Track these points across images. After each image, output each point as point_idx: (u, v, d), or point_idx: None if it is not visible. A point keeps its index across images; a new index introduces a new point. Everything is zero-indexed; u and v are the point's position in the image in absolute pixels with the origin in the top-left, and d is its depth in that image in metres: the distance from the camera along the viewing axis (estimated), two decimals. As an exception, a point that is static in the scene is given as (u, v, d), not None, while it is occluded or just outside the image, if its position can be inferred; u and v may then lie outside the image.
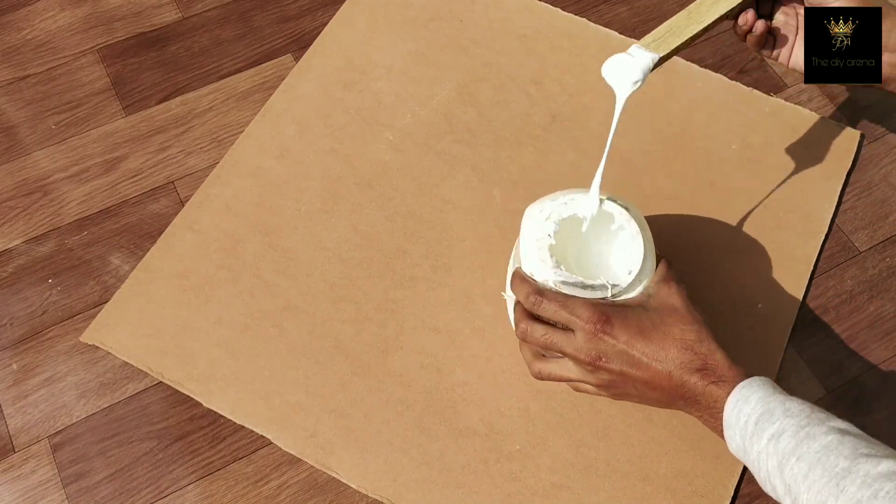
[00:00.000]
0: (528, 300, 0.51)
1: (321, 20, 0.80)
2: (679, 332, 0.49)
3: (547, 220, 0.53)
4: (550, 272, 0.51)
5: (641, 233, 0.53)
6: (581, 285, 0.51)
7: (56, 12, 0.81)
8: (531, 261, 0.52)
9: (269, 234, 0.67)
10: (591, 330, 0.49)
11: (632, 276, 0.51)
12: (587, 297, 0.51)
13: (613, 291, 0.51)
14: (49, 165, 0.72)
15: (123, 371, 0.62)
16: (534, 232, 0.53)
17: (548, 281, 0.51)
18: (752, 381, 0.47)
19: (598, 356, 0.49)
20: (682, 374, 0.48)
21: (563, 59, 0.78)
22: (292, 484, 0.58)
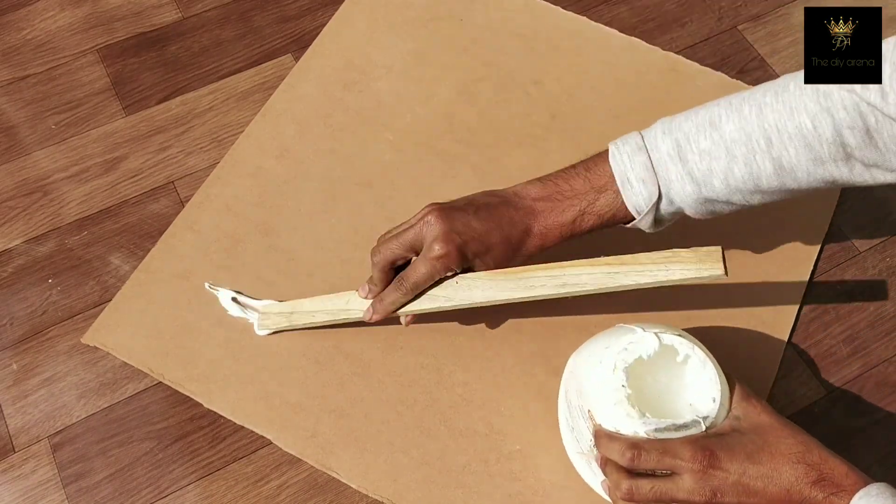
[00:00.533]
0: (626, 456, 0.48)
1: (321, 20, 0.80)
2: (786, 448, 0.47)
3: (615, 372, 0.51)
4: (639, 424, 0.49)
5: (709, 358, 0.52)
6: (673, 428, 0.48)
7: (56, 12, 0.81)
8: (615, 417, 0.50)
9: (269, 234, 0.67)
10: (699, 469, 0.47)
11: (717, 403, 0.49)
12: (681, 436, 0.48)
13: (707, 424, 0.48)
14: (49, 165, 0.72)
15: (123, 371, 0.62)
16: (604, 386, 0.51)
17: (637, 433, 0.49)
18: (870, 490, 0.45)
19: (713, 493, 0.47)
20: (801, 490, 0.46)
21: (563, 58, 0.78)
22: (292, 484, 0.58)
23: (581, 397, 0.53)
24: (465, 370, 0.61)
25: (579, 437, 0.54)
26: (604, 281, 0.52)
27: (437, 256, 0.54)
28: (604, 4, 0.82)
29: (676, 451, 0.47)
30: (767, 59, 0.79)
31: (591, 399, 0.52)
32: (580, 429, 0.54)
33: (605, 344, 0.53)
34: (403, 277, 0.56)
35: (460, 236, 0.54)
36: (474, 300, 0.55)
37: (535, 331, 0.63)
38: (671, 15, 0.82)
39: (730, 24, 0.81)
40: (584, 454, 0.54)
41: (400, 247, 0.56)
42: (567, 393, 0.56)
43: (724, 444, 0.48)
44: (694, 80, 0.76)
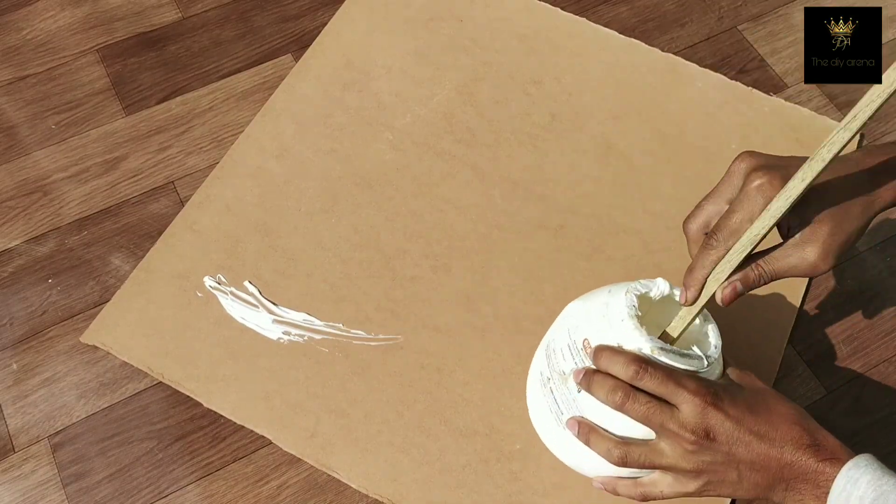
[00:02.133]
0: (630, 369, 0.46)
1: (321, 20, 0.80)
2: (785, 409, 0.47)
3: (627, 294, 0.49)
4: (645, 340, 0.47)
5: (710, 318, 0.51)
6: (679, 353, 0.47)
7: (56, 12, 0.81)
8: (619, 333, 0.48)
9: (269, 234, 0.67)
10: (700, 403, 0.45)
11: (718, 350, 0.48)
12: (683, 365, 0.47)
13: (708, 362, 0.47)
14: (49, 165, 0.72)
15: (123, 371, 0.62)
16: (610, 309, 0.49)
17: (642, 349, 0.47)
18: (858, 461, 0.45)
19: (706, 432, 0.45)
20: (793, 451, 0.45)
21: (563, 59, 0.78)
22: (292, 484, 0.58)
23: (576, 332, 0.50)
24: (465, 370, 0.61)
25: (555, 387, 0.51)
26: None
27: (758, 185, 0.45)
28: (604, 5, 0.82)
29: (681, 380, 0.46)
30: (767, 59, 0.79)
31: (590, 329, 0.49)
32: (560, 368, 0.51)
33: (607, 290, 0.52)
34: (713, 231, 0.48)
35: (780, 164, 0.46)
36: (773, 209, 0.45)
37: (535, 331, 0.63)
38: (671, 15, 0.82)
39: (730, 24, 0.81)
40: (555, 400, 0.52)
41: (712, 202, 0.49)
42: (551, 340, 0.53)
43: (728, 391, 0.46)
44: (694, 81, 0.76)
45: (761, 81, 0.77)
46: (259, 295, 0.64)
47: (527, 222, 0.68)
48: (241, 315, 0.63)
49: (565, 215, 0.68)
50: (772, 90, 0.76)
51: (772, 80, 0.77)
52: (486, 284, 0.65)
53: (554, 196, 0.69)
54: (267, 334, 0.62)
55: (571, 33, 0.79)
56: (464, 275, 0.66)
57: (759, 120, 0.74)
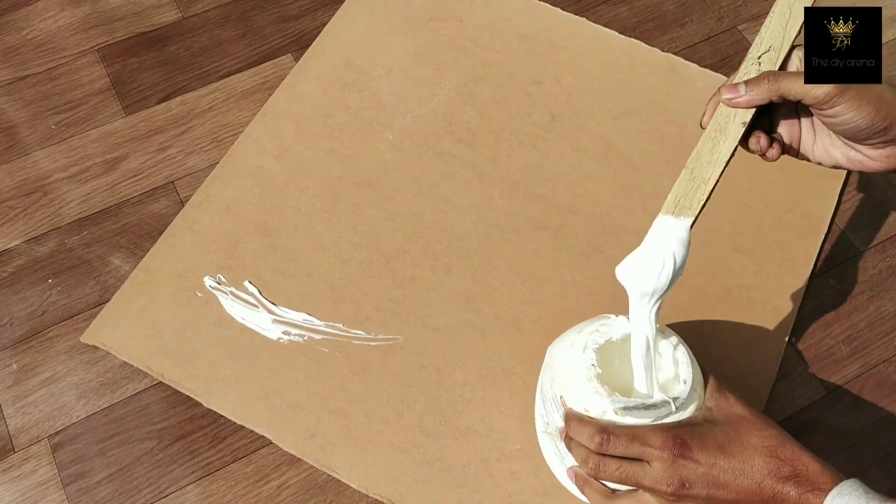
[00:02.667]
0: (595, 441, 0.47)
1: (321, 20, 0.80)
2: (758, 440, 0.46)
3: (585, 352, 0.50)
4: (607, 402, 0.48)
5: (681, 342, 0.51)
6: (642, 407, 0.47)
7: (56, 12, 0.81)
8: (583, 396, 0.49)
9: (269, 234, 0.67)
10: (668, 457, 0.45)
11: (687, 385, 0.48)
12: (651, 418, 0.48)
13: (676, 405, 0.47)
14: (49, 165, 0.72)
15: (123, 371, 0.62)
16: (575, 367, 0.50)
17: (605, 412, 0.48)
18: (843, 488, 0.44)
19: (681, 483, 0.46)
20: (772, 485, 0.45)
21: (563, 59, 0.78)
22: (292, 484, 0.58)
23: (554, 386, 0.52)
24: (465, 370, 0.61)
25: (552, 431, 0.54)
26: None
27: None
28: (603, 5, 0.82)
29: (646, 437, 0.46)
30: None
31: (563, 384, 0.51)
32: (553, 419, 0.53)
33: (577, 329, 0.53)
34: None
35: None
36: None
37: (535, 331, 0.63)
38: (671, 15, 0.82)
39: (730, 24, 0.81)
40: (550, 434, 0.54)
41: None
42: (542, 386, 0.56)
43: (695, 433, 0.46)
44: (693, 82, 0.76)
45: (761, 81, 0.77)
46: (259, 295, 0.64)
47: (527, 222, 0.68)
48: (241, 315, 0.63)
49: (565, 215, 0.68)
50: (772, 90, 0.76)
51: (772, 80, 0.77)
52: (486, 284, 0.65)
53: (554, 196, 0.69)
54: (267, 334, 0.62)
55: (571, 33, 0.79)
56: (464, 275, 0.66)
57: (759, 120, 0.74)
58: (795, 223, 0.69)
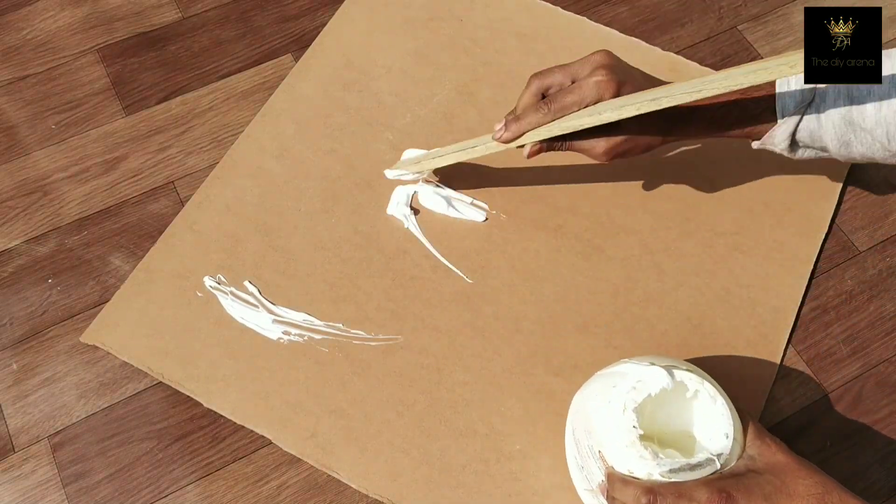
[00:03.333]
0: (641, 502, 0.47)
1: (321, 20, 0.80)
2: (804, 489, 0.46)
3: (625, 413, 0.49)
4: (653, 466, 0.47)
5: (720, 393, 0.50)
6: (688, 468, 0.47)
7: (56, 12, 0.81)
8: (627, 458, 0.48)
9: (269, 234, 0.67)
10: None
11: (730, 439, 0.48)
12: (696, 477, 0.47)
13: (722, 461, 0.47)
14: (49, 165, 0.72)
15: (123, 371, 0.62)
16: (615, 427, 0.49)
17: (652, 474, 0.47)
18: None
19: None
20: None
21: (563, 59, 0.77)
22: (292, 484, 0.58)
23: (590, 437, 0.52)
24: (465, 370, 0.61)
25: (589, 475, 0.53)
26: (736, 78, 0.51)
27: (596, 81, 0.55)
28: (604, 4, 0.82)
29: (693, 493, 0.46)
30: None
31: (602, 439, 0.50)
32: (590, 468, 0.52)
33: (611, 383, 0.52)
34: (550, 99, 0.57)
35: (623, 75, 0.56)
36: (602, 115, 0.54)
37: (535, 331, 0.63)
38: (671, 15, 0.82)
39: (730, 24, 0.81)
40: (594, 491, 0.53)
41: (561, 74, 0.58)
42: (574, 431, 0.55)
43: (740, 485, 0.46)
44: (694, 80, 0.76)
45: (761, 81, 0.77)
46: (259, 295, 0.64)
47: (527, 222, 0.68)
48: (241, 315, 0.63)
49: (565, 215, 0.68)
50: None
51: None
52: (486, 284, 0.65)
53: (554, 196, 0.69)
54: (267, 334, 0.62)
55: (571, 33, 0.79)
56: (464, 275, 0.66)
57: (759, 120, 0.74)
58: (795, 223, 0.69)
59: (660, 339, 0.63)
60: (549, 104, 0.56)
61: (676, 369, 0.51)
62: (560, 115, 0.56)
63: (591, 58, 0.57)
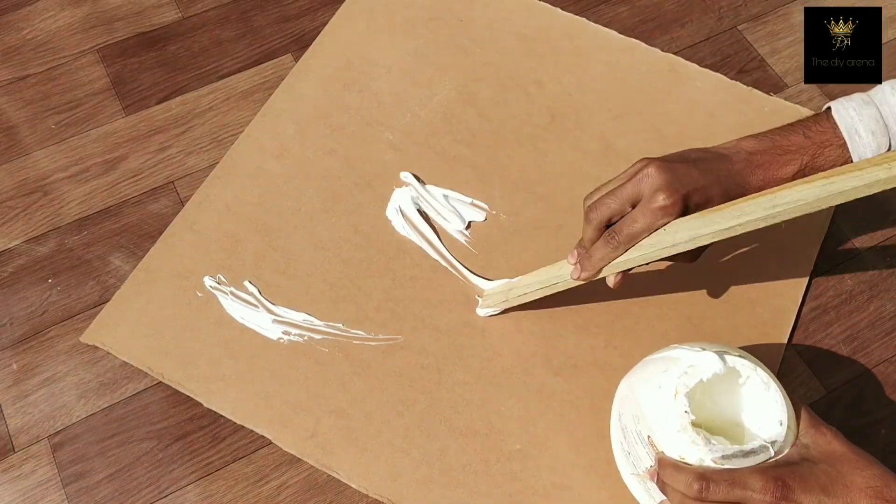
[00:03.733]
0: (693, 488, 0.45)
1: (321, 20, 0.80)
2: (862, 480, 0.44)
3: (677, 398, 0.48)
4: (705, 451, 0.47)
5: (773, 379, 0.49)
6: (741, 454, 0.46)
7: (56, 12, 0.81)
8: (678, 444, 0.48)
9: (269, 234, 0.67)
10: (770, 500, 0.44)
11: (784, 426, 0.47)
12: (749, 464, 0.46)
13: (776, 449, 0.46)
14: (49, 165, 0.72)
15: (123, 371, 0.62)
16: (666, 412, 0.49)
17: (703, 460, 0.47)
18: None
19: None
20: None
21: (563, 58, 0.78)
22: (292, 484, 0.58)
23: (640, 422, 0.51)
24: (465, 370, 0.61)
25: (636, 461, 0.53)
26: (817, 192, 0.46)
27: (661, 206, 0.51)
28: (604, 4, 0.82)
29: (746, 481, 0.45)
30: (767, 59, 0.79)
31: (652, 425, 0.50)
32: (637, 453, 0.52)
33: (662, 367, 0.51)
34: (616, 231, 0.53)
35: (684, 187, 0.52)
36: (678, 241, 0.51)
37: (535, 331, 0.63)
38: (671, 15, 0.82)
39: (730, 24, 0.81)
40: (640, 476, 0.53)
41: (618, 201, 0.53)
42: (622, 416, 0.55)
43: (796, 474, 0.45)
44: (694, 81, 0.76)
45: (761, 81, 0.77)
46: (259, 295, 0.64)
47: (527, 222, 0.68)
48: (241, 315, 0.63)
49: (565, 215, 0.68)
50: (772, 90, 0.76)
51: (772, 80, 0.77)
52: (487, 284, 0.65)
53: (554, 196, 0.69)
54: (267, 334, 0.62)
55: (571, 33, 0.79)
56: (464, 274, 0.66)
57: (760, 120, 0.74)
58: (795, 223, 0.68)
59: (660, 339, 0.63)
60: (616, 237, 0.53)
61: (728, 355, 0.50)
62: (630, 244, 0.53)
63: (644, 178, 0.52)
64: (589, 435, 0.59)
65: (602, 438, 0.59)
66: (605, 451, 0.58)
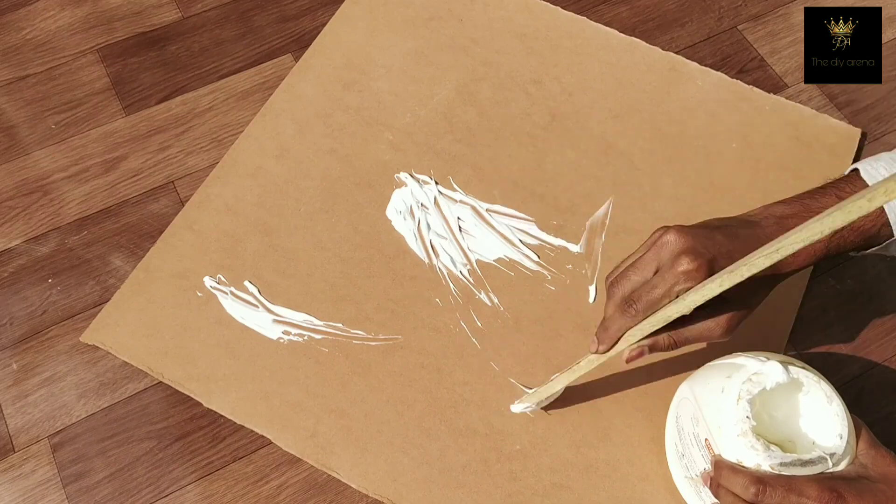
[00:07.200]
0: (749, 491, 0.46)
1: (321, 20, 0.80)
2: None
3: (739, 403, 0.49)
4: (763, 457, 0.47)
5: (836, 394, 0.49)
6: (799, 463, 0.46)
7: (56, 12, 0.81)
8: (737, 448, 0.48)
9: (269, 234, 0.67)
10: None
11: (843, 440, 0.47)
12: (807, 473, 0.46)
13: (833, 461, 0.46)
14: (49, 165, 0.72)
15: (123, 371, 0.62)
16: (727, 416, 0.49)
17: (761, 466, 0.47)
18: None
19: None
20: None
21: (563, 58, 0.78)
22: (292, 484, 0.58)
23: (697, 425, 0.52)
24: (465, 370, 0.61)
25: (689, 463, 0.53)
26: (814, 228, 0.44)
27: (685, 270, 0.48)
28: (604, 4, 0.82)
29: (802, 488, 0.45)
30: (767, 59, 0.79)
31: (711, 428, 0.50)
32: (692, 456, 0.52)
33: (726, 373, 0.51)
34: (632, 299, 0.50)
35: (709, 251, 0.49)
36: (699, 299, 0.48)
37: (535, 331, 0.63)
38: (671, 15, 0.82)
39: (730, 24, 0.81)
40: (694, 479, 0.53)
41: (639, 272, 0.50)
42: (679, 419, 0.55)
43: (852, 487, 0.45)
44: (694, 80, 0.76)
45: (761, 81, 0.77)
46: (259, 295, 0.64)
47: (527, 222, 0.68)
48: (241, 315, 0.63)
49: (565, 215, 0.68)
50: (772, 90, 0.76)
51: (772, 80, 0.77)
52: (487, 284, 0.65)
53: (554, 196, 0.69)
54: (267, 334, 0.62)
55: (571, 33, 0.79)
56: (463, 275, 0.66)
57: (760, 119, 0.74)
58: (795, 223, 0.69)
59: (660, 338, 0.63)
60: (634, 304, 0.50)
61: (792, 366, 0.50)
62: (649, 312, 0.49)
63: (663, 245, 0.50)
64: (589, 435, 0.59)
65: (602, 438, 0.59)
66: (605, 451, 0.58)
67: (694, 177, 0.71)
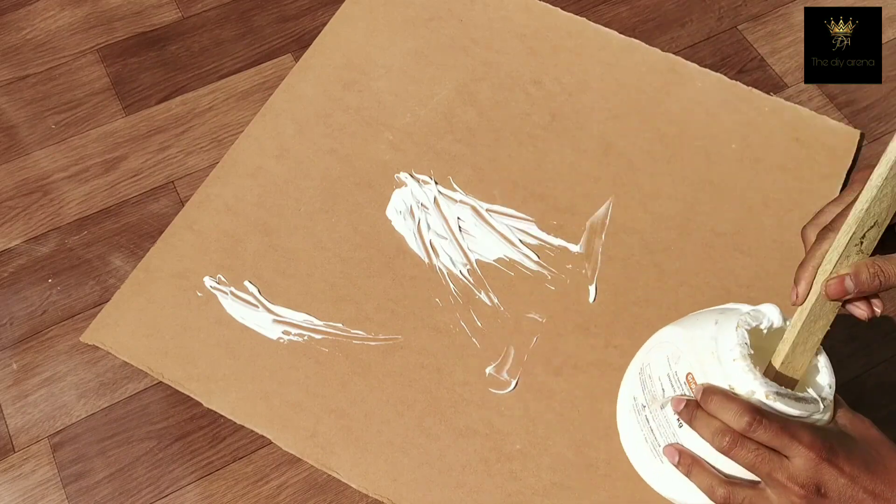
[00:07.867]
0: (743, 420, 0.43)
1: (321, 20, 0.80)
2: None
3: (738, 329, 0.46)
4: (758, 384, 0.44)
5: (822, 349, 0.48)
6: (794, 397, 0.44)
7: (56, 12, 0.81)
8: (729, 373, 0.45)
9: (269, 234, 0.67)
10: (814, 458, 0.42)
11: (832, 389, 0.46)
12: (798, 411, 0.44)
13: (825, 405, 0.45)
14: (49, 165, 0.72)
15: (123, 371, 0.62)
16: (720, 345, 0.46)
17: (755, 392, 0.44)
18: None
19: (818, 488, 0.42)
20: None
21: (563, 58, 0.78)
22: (292, 484, 0.58)
23: (678, 363, 0.48)
24: (465, 370, 0.61)
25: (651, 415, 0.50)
26: None
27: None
28: (604, 4, 0.82)
29: (796, 431, 0.42)
30: (767, 59, 0.79)
31: (702, 357, 0.47)
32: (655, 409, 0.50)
33: (719, 311, 0.49)
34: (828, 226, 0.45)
35: None
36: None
37: (535, 330, 0.63)
38: (671, 15, 0.82)
39: (730, 24, 0.81)
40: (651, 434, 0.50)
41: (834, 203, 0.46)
42: (646, 367, 0.52)
43: (843, 445, 0.43)
44: (693, 81, 0.76)
45: (761, 81, 0.77)
46: (259, 295, 0.64)
47: (527, 222, 0.68)
48: (241, 315, 0.63)
49: (565, 215, 0.68)
50: (772, 90, 0.76)
51: (772, 80, 0.77)
52: (486, 284, 0.65)
53: (554, 196, 0.69)
54: (267, 334, 0.62)
55: (571, 33, 0.79)
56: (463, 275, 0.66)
57: (760, 119, 0.74)
58: (795, 223, 0.69)
59: (660, 339, 0.63)
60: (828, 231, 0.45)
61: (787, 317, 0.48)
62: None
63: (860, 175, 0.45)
64: (589, 434, 0.59)
65: (602, 438, 0.59)
66: (605, 451, 0.58)
67: (694, 177, 0.71)
